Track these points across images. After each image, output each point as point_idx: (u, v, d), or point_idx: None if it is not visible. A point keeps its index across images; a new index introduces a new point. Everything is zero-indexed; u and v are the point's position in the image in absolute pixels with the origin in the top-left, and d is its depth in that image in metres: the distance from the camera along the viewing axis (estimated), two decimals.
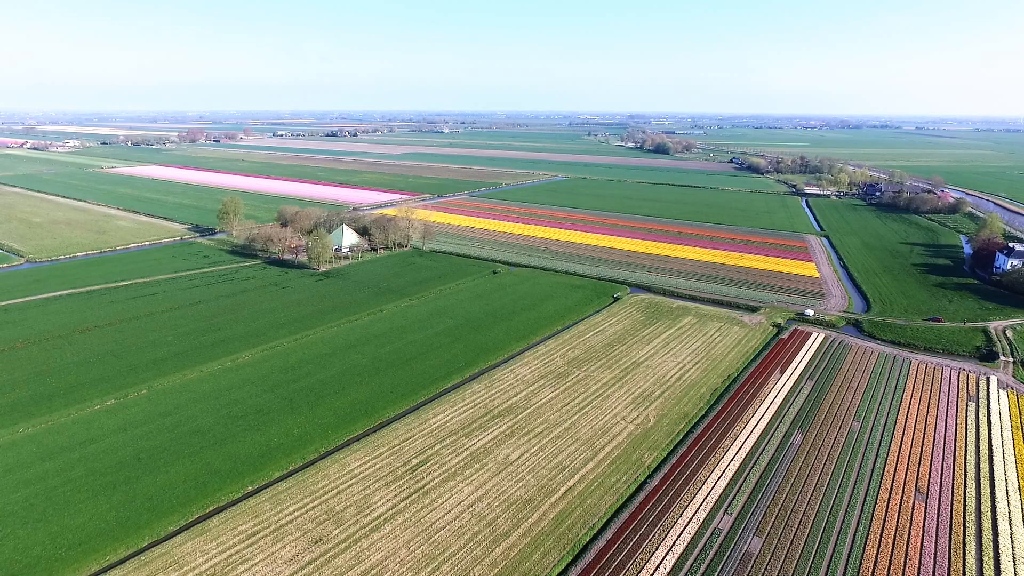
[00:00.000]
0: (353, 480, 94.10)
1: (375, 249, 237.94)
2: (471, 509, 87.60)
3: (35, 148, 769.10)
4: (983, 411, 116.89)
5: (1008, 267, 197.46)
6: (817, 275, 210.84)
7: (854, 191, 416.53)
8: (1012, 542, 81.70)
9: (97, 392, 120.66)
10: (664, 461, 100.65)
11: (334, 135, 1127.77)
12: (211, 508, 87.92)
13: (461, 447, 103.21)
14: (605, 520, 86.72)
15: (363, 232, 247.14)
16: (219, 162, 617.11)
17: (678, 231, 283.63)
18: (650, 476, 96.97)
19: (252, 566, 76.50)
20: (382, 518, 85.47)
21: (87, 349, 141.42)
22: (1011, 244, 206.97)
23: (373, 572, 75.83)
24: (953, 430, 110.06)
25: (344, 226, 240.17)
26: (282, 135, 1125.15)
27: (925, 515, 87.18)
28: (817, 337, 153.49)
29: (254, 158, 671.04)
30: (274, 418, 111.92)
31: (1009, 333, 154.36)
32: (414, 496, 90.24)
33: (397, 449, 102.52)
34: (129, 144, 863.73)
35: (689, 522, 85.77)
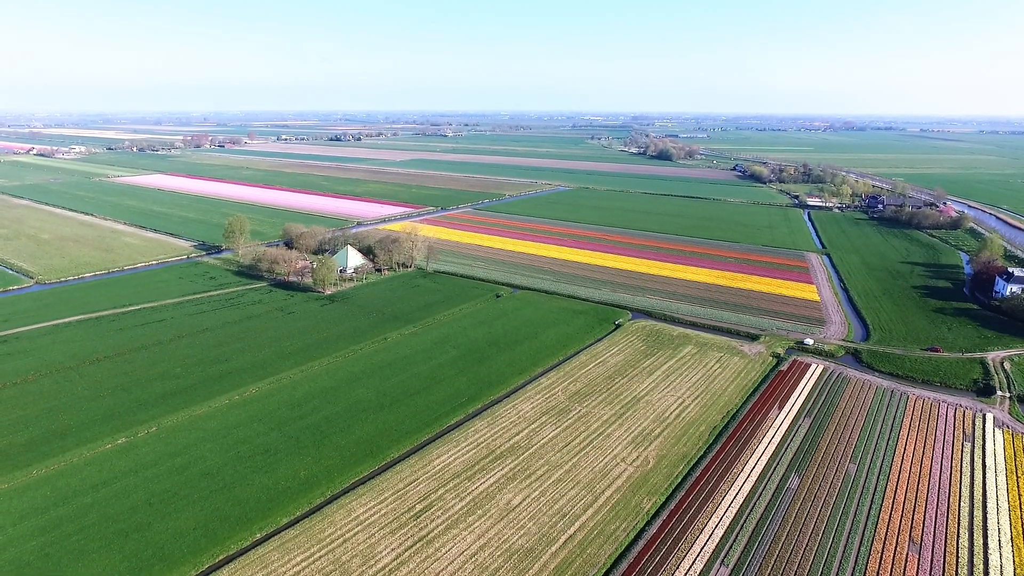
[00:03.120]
0: (359, 527, 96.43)
1: (380, 270, 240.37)
2: (474, 559, 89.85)
3: (41, 154, 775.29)
4: (978, 452, 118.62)
5: (1007, 293, 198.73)
6: (817, 299, 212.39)
7: (856, 203, 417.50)
8: None
9: (108, 430, 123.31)
10: (663, 507, 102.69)
11: (338, 139, 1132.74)
12: (221, 557, 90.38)
13: (464, 492, 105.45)
14: (604, 571, 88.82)
15: (367, 252, 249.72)
16: (224, 170, 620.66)
17: (680, 249, 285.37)
18: (649, 523, 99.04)
19: None
20: (387, 569, 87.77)
21: (97, 382, 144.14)
22: (1011, 270, 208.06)
23: None
24: (948, 473, 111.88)
25: (348, 247, 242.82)
26: (286, 139, 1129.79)
27: (918, 568, 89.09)
28: (816, 369, 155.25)
29: (258, 165, 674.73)
30: (281, 459, 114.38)
31: (1007, 365, 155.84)
32: (418, 545, 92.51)
33: (401, 493, 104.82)
34: (134, 150, 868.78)
35: (687, 574, 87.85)
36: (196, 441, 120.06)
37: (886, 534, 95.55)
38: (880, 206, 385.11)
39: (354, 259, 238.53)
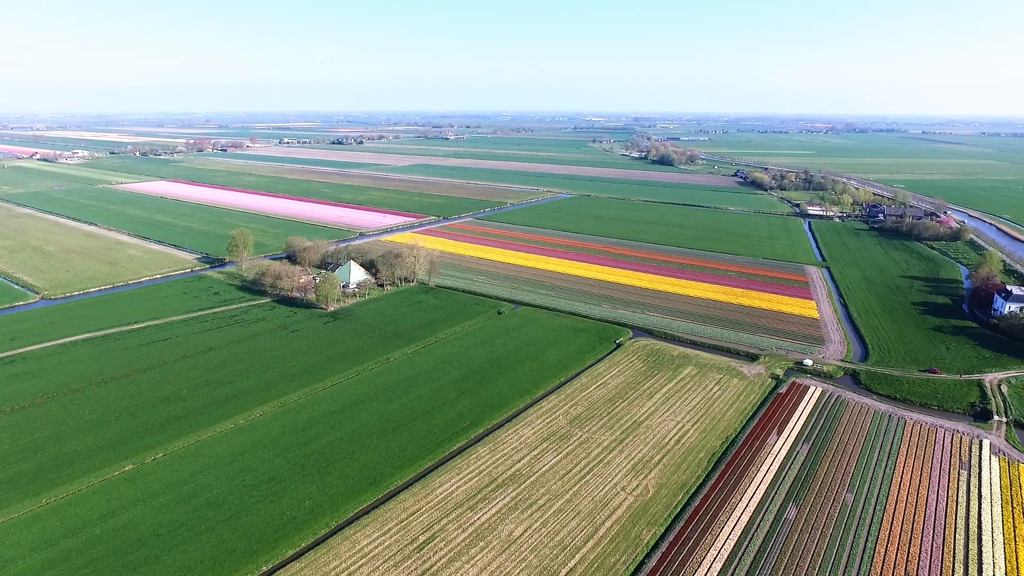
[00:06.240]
0: (363, 560, 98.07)
1: (382, 285, 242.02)
2: None
3: (44, 159, 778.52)
4: (974, 481, 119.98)
5: (1006, 311, 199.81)
6: (817, 316, 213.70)
7: (857, 212, 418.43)
8: None
9: (116, 456, 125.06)
10: (662, 538, 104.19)
11: (340, 143, 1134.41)
12: None
13: (466, 522, 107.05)
14: None
15: (370, 266, 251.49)
16: (227, 176, 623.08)
17: (681, 262, 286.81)
18: (648, 555, 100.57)
19: None
20: None
21: (104, 405, 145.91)
22: (1010, 288, 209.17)
23: None
24: (944, 504, 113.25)
25: (351, 262, 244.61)
26: (288, 143, 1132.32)
27: None
28: (815, 392, 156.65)
29: (261, 171, 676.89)
30: (286, 487, 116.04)
31: (1004, 388, 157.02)
32: None
33: (405, 524, 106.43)
34: (137, 154, 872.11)
35: None
36: (202, 468, 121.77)
37: (882, 569, 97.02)
38: (881, 216, 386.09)
39: (356, 274, 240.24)
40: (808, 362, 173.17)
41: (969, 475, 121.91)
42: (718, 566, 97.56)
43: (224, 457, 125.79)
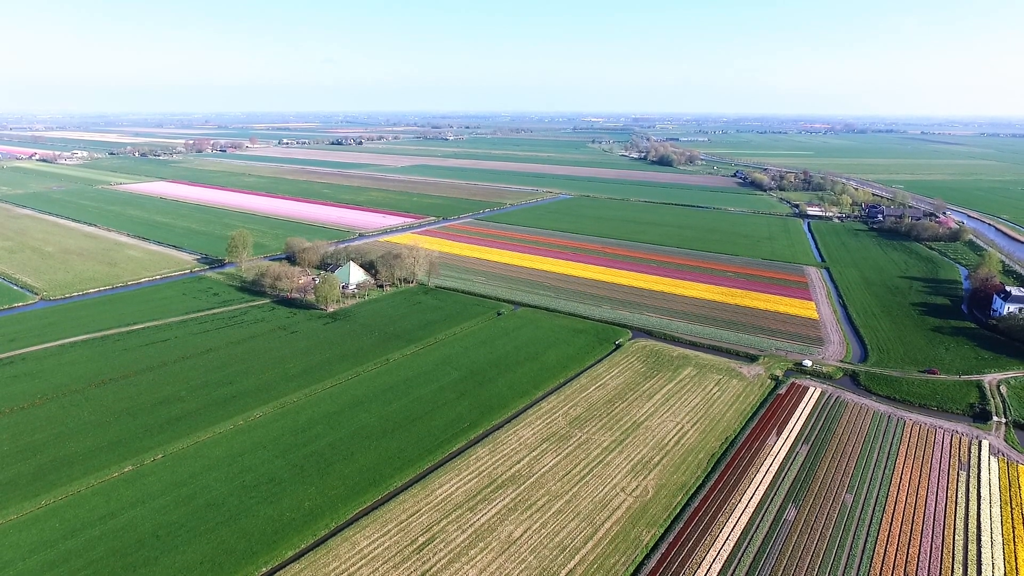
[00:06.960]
0: (363, 561, 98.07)
1: (382, 286, 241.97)
2: None
3: (44, 160, 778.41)
4: (973, 482, 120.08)
5: (1005, 312, 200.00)
6: (816, 316, 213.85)
7: (856, 212, 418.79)
8: None
9: (115, 457, 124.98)
10: (661, 539, 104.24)
11: (339, 143, 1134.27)
12: None
13: (466, 523, 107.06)
14: None
15: (369, 267, 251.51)
16: (226, 177, 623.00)
17: (680, 262, 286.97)
18: (648, 556, 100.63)
19: None
20: None
21: (103, 407, 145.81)
22: (1008, 288, 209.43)
23: None
24: (943, 504, 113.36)
25: (351, 263, 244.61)
26: (287, 144, 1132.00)
27: None
28: (814, 392, 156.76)
29: (260, 172, 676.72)
30: (286, 488, 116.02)
31: (1003, 389, 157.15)
32: None
33: (404, 525, 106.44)
34: (136, 155, 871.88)
35: None
36: (202, 470, 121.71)
37: (881, 569, 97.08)
38: (880, 216, 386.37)
39: (356, 275, 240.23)
40: (807, 363, 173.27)
41: (968, 476, 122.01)
42: (718, 567, 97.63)
43: (223, 458, 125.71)
